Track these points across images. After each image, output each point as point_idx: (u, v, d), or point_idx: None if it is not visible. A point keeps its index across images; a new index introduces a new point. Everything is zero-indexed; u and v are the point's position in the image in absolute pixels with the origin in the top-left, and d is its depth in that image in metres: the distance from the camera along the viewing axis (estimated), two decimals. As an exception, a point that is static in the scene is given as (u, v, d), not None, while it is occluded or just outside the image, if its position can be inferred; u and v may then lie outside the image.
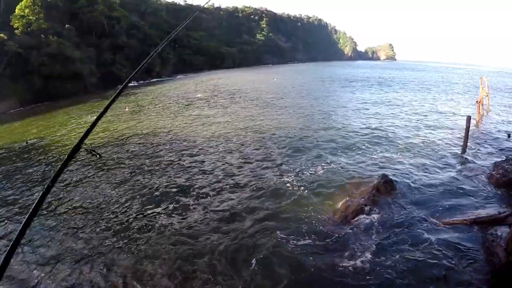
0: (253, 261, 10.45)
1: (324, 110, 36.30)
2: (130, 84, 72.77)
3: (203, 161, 20.34)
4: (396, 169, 17.99)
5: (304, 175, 17.39)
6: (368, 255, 10.50)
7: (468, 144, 21.09)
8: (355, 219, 12.51)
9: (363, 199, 13.50)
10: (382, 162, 19.25)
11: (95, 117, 3.28)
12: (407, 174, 17.22)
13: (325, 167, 18.51)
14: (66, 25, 67.85)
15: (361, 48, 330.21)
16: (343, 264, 10.20)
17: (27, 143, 27.91)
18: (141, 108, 42.66)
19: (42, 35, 59.10)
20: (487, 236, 10.81)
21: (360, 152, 21.34)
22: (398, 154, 20.76)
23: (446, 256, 10.36)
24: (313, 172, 17.79)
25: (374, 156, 20.47)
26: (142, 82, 79.57)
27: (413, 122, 30.08)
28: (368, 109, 37.37)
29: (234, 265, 10.39)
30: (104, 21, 79.23)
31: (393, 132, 26.27)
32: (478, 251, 10.49)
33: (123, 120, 34.85)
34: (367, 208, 12.99)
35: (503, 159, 17.80)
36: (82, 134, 3.05)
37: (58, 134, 31.14)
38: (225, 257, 10.71)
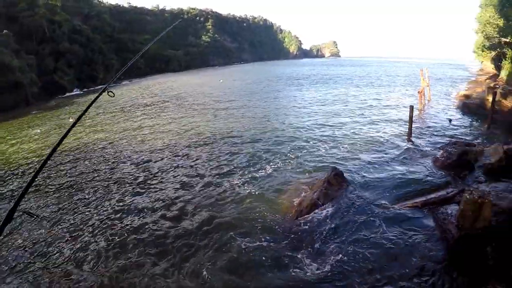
0: (204, 270, 10.19)
1: (270, 110, 36.98)
2: (73, 93, 71.46)
3: (150, 171, 19.94)
4: (345, 162, 18.42)
5: (256, 176, 17.43)
6: (323, 250, 10.59)
7: (413, 132, 22.14)
8: (309, 214, 12.55)
9: (315, 193, 13.58)
10: (331, 157, 19.62)
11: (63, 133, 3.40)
12: (357, 165, 17.66)
13: (275, 166, 18.63)
14: (4, 31, 65.03)
15: (306, 46, 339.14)
16: (300, 263, 10.16)
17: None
18: (86, 118, 40.67)
19: (-23, 42, 56.57)
20: (438, 216, 11.24)
21: (309, 149, 21.63)
22: (347, 147, 21.23)
23: (401, 239, 10.70)
24: (263, 173, 17.81)
25: (323, 152, 20.79)
26: (85, 90, 77.84)
27: (359, 116, 30.99)
28: (314, 106, 38.27)
29: (185, 276, 10.15)
30: (45, 25, 76.68)
31: (340, 127, 26.86)
32: (431, 231, 10.91)
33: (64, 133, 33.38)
34: (320, 202, 13.06)
35: (447, 143, 19.01)
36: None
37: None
38: (175, 269, 10.47)
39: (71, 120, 41.00)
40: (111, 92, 5.18)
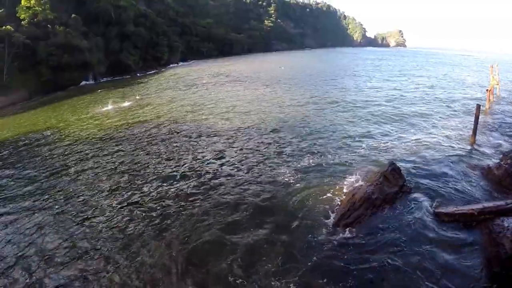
0: (260, 261, 10.40)
1: (330, 104, 33.80)
2: (139, 74, 73.66)
3: (207, 151, 20.77)
4: (404, 158, 17.77)
5: (312, 162, 17.75)
6: (374, 250, 10.50)
7: (477, 133, 20.65)
8: (361, 208, 12.25)
9: (370, 187, 13.13)
10: (390, 151, 19.21)
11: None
12: (416, 164, 17.00)
13: (332, 155, 18.77)
14: (73, 15, 66.98)
15: (370, 34, 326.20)
16: (345, 258, 10.26)
17: (43, 133, 28.71)
18: (149, 97, 42.87)
19: (48, 26, 58.69)
20: (493, 227, 10.52)
21: (368, 140, 21.36)
22: (407, 144, 20.46)
23: (452, 249, 10.40)
24: (319, 160, 18.07)
25: (382, 144, 20.41)
26: (149, 71, 79.98)
27: (423, 111, 29.37)
28: (378, 101, 35.09)
29: (244, 270, 10.15)
30: (111, 9, 78.68)
31: (403, 124, 25.56)
32: (484, 243, 10.43)
33: (133, 109, 35.43)
34: (374, 197, 12.67)
35: (511, 149, 17.58)
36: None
37: (69, 123, 32.05)
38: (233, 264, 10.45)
39: (138, 97, 41.83)
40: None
